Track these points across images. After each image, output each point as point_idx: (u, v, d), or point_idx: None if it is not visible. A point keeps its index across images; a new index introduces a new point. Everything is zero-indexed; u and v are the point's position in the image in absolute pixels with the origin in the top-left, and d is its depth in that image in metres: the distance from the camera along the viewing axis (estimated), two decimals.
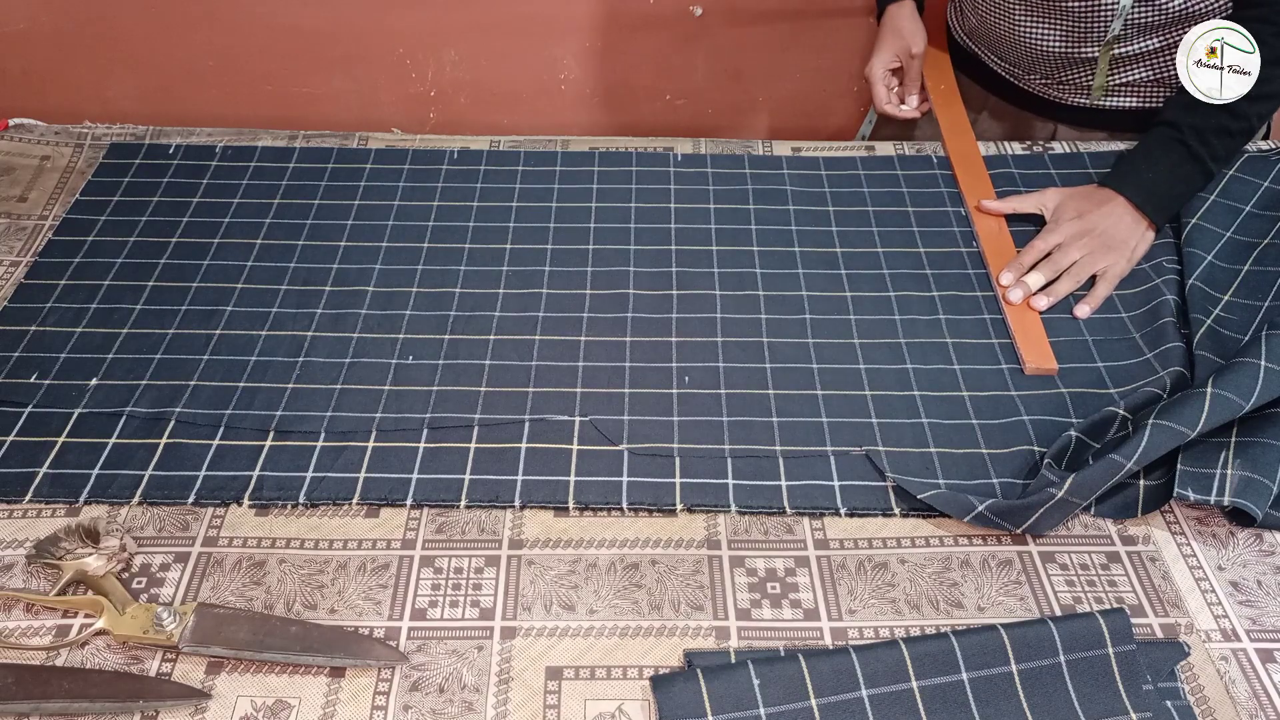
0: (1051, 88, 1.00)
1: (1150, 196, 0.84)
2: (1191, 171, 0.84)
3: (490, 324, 0.79)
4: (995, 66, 1.04)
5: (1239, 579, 0.63)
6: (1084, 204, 0.85)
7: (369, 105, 1.34)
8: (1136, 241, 0.84)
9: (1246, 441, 0.66)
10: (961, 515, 0.65)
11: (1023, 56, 0.98)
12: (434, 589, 0.62)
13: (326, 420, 0.71)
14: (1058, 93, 1.00)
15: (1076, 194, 0.87)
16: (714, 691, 0.54)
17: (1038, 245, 0.84)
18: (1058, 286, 0.82)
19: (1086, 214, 0.84)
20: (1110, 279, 0.82)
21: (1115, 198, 0.85)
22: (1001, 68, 1.03)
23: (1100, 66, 0.94)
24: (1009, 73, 1.03)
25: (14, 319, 0.79)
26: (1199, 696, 0.57)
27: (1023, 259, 0.83)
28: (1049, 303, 0.81)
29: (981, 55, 1.05)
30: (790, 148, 0.98)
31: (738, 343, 0.78)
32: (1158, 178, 0.85)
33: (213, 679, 0.57)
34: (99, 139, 0.99)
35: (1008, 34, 0.97)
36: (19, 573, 0.63)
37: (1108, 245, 0.83)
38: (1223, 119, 0.83)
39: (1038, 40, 0.95)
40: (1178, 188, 0.85)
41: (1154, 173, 0.85)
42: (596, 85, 1.34)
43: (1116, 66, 0.94)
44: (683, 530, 0.66)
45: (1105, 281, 0.82)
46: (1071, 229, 0.84)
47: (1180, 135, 0.84)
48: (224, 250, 0.86)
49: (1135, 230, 0.84)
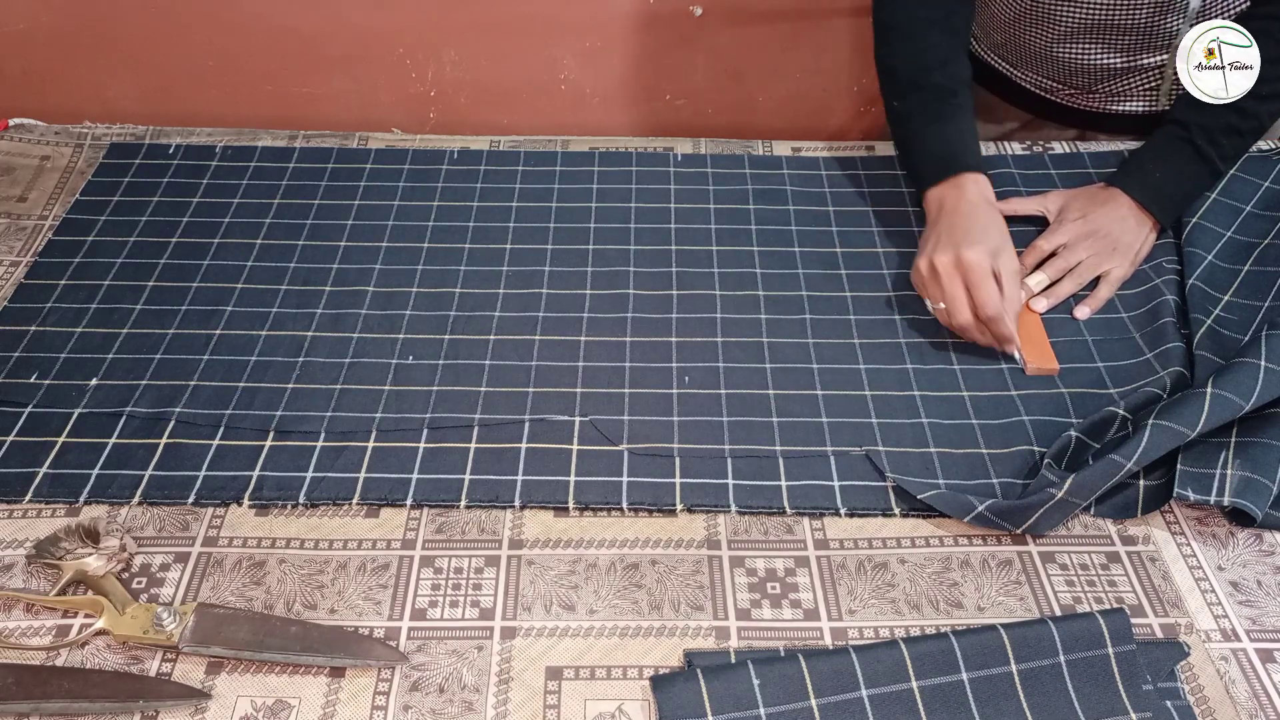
0: (1095, 98, 0.96)
1: (1157, 197, 0.83)
2: (1199, 171, 0.83)
3: (490, 324, 0.79)
4: (1022, 81, 1.00)
5: (1239, 579, 0.63)
6: (1089, 204, 0.84)
7: (369, 105, 1.34)
8: (1141, 244, 0.83)
9: (1246, 441, 0.66)
10: (961, 515, 0.65)
11: (1069, 72, 0.94)
12: (434, 589, 0.62)
13: (326, 420, 0.71)
14: (1115, 102, 0.96)
15: (1081, 194, 0.86)
16: (714, 691, 0.54)
17: (1041, 245, 0.83)
18: (1059, 288, 0.81)
19: (1092, 214, 0.83)
20: (1113, 281, 0.82)
21: (1121, 197, 0.84)
22: (1029, 81, 0.99)
23: (1166, 72, 0.90)
24: (1038, 85, 0.99)
25: (14, 319, 0.79)
26: (1199, 696, 0.57)
27: (1025, 259, 0.82)
28: (1049, 304, 0.80)
29: (1006, 71, 1.01)
30: (790, 148, 0.98)
31: (738, 343, 0.78)
32: (1165, 178, 0.83)
33: (213, 679, 0.57)
34: (99, 139, 0.99)
35: (1050, 58, 0.93)
36: (19, 573, 0.63)
37: (1113, 247, 0.82)
38: (1231, 118, 0.81)
39: (1090, 57, 0.91)
40: (1185, 188, 0.84)
41: (1161, 173, 0.83)
42: (596, 85, 1.34)
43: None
44: (683, 530, 0.66)
45: (1108, 284, 0.81)
46: (1077, 229, 0.83)
47: (1188, 135, 0.82)
48: (224, 250, 0.86)
49: (1140, 232, 0.83)
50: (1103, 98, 0.97)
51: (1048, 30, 0.91)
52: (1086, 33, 0.89)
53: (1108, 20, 0.86)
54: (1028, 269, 0.82)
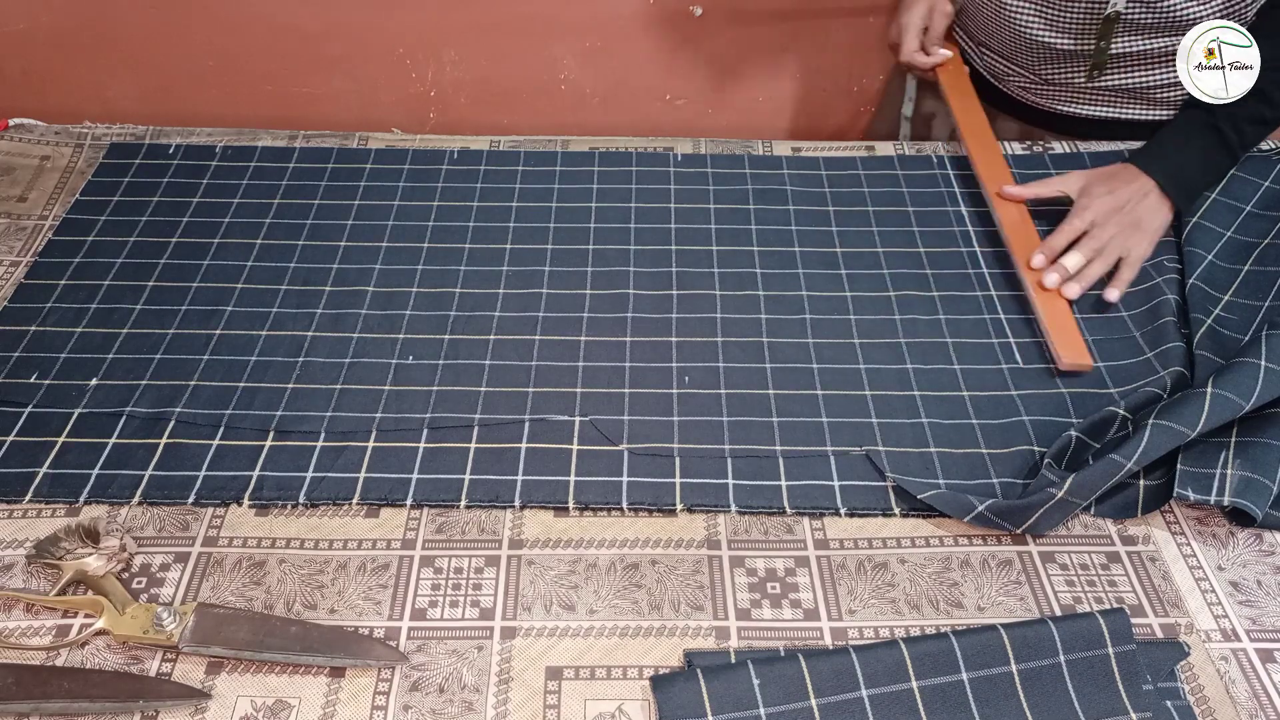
0: (1041, 91, 0.99)
1: (1178, 180, 0.82)
2: (1221, 158, 0.83)
3: (490, 324, 0.79)
4: (983, 69, 1.03)
5: (1239, 579, 0.63)
6: (1113, 181, 0.84)
7: (369, 105, 1.34)
8: (1160, 224, 0.82)
9: (1246, 441, 0.66)
10: (961, 515, 0.65)
11: (1013, 49, 0.96)
12: (434, 589, 0.62)
13: (326, 420, 0.71)
14: (1046, 97, 0.99)
15: (1102, 173, 0.85)
16: (714, 691, 0.54)
17: (1072, 225, 0.81)
18: (1090, 270, 0.79)
19: (1118, 190, 0.82)
20: (1134, 262, 0.80)
21: (1142, 177, 0.83)
22: (990, 67, 1.02)
23: (1099, 45, 0.91)
24: (996, 74, 1.01)
25: (14, 319, 0.79)
26: (1199, 696, 0.57)
27: (1053, 241, 0.81)
28: (1080, 289, 0.79)
29: (971, 54, 1.04)
30: (790, 148, 0.98)
31: (738, 343, 0.78)
32: (1187, 161, 0.83)
33: (213, 679, 0.57)
34: (99, 139, 0.99)
35: (999, 24, 0.95)
36: (19, 573, 0.63)
37: (1136, 225, 0.81)
38: (1261, 107, 0.81)
39: (1030, 30, 0.93)
40: (1205, 173, 0.83)
41: (1184, 156, 0.83)
42: (596, 85, 1.34)
43: (1113, 65, 0.93)
44: (683, 530, 0.66)
45: (1129, 265, 0.80)
46: (1105, 205, 0.81)
47: (1214, 120, 0.82)
48: (224, 250, 0.86)
49: (1160, 212, 0.82)
50: (1048, 93, 0.98)
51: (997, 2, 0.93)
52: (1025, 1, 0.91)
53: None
54: (1057, 251, 0.81)
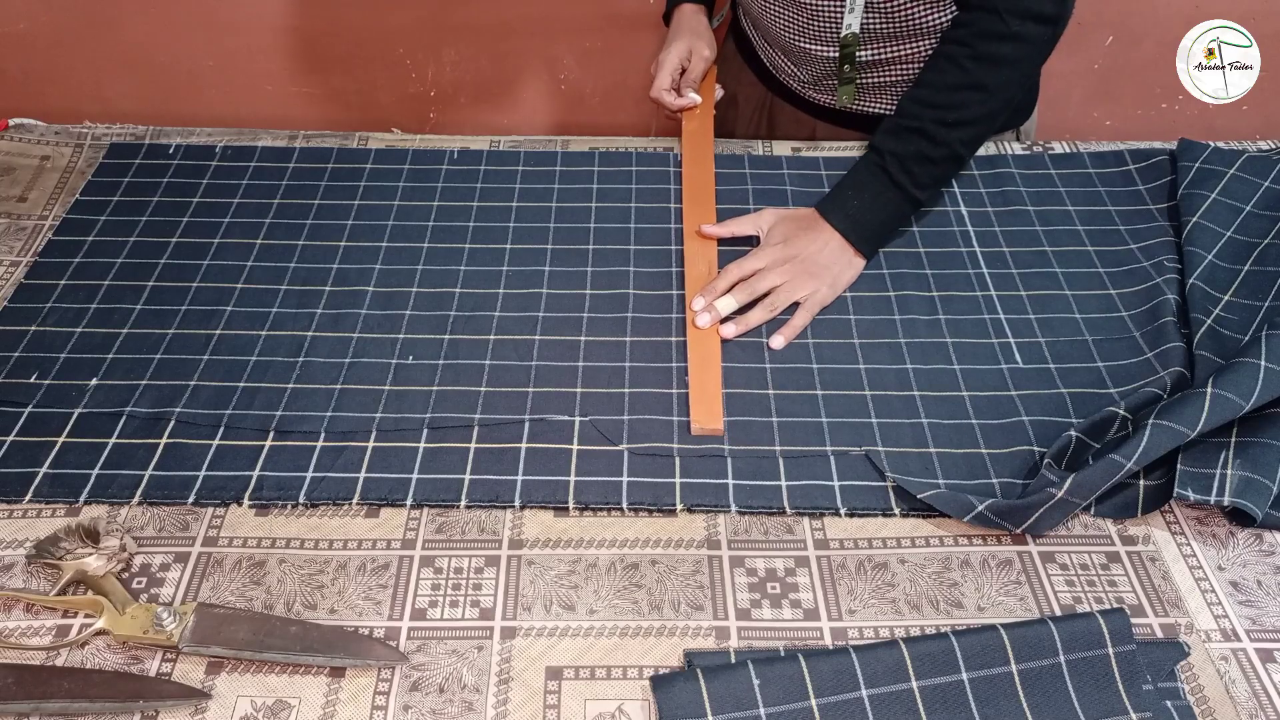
0: (808, 86, 0.99)
1: (855, 225, 0.82)
2: (895, 199, 0.82)
3: (490, 324, 0.79)
4: (767, 61, 1.03)
5: (1239, 579, 0.63)
6: (793, 228, 0.83)
7: (369, 105, 1.34)
8: (841, 269, 0.81)
9: (1246, 441, 0.66)
10: (961, 515, 0.65)
11: (783, 47, 0.97)
12: (434, 589, 0.62)
13: (326, 420, 0.71)
14: (814, 92, 0.99)
15: (789, 217, 0.84)
16: (714, 691, 0.54)
17: (737, 269, 0.80)
18: (750, 316, 0.78)
19: (793, 239, 0.82)
20: (811, 307, 0.79)
21: (822, 224, 0.83)
22: (771, 60, 1.02)
23: (842, 69, 0.92)
24: (776, 67, 1.02)
25: (14, 319, 0.79)
26: (1199, 696, 0.57)
27: (717, 283, 0.79)
28: (736, 332, 0.77)
29: (757, 45, 1.04)
30: (790, 148, 0.98)
31: (737, 342, 0.78)
32: (863, 206, 0.82)
33: (213, 679, 0.57)
34: (99, 139, 0.99)
35: (765, 25, 0.96)
36: (19, 573, 0.63)
37: (809, 272, 0.80)
38: (921, 145, 0.81)
39: (782, 29, 0.93)
40: (881, 216, 0.83)
41: (859, 200, 0.82)
42: (596, 85, 1.34)
43: (865, 71, 0.93)
44: (683, 530, 0.66)
45: (805, 310, 0.79)
46: (775, 254, 0.81)
47: (882, 162, 0.82)
48: (224, 250, 0.86)
49: (841, 257, 0.82)
50: (814, 88, 0.99)
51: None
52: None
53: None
54: (718, 292, 0.79)
